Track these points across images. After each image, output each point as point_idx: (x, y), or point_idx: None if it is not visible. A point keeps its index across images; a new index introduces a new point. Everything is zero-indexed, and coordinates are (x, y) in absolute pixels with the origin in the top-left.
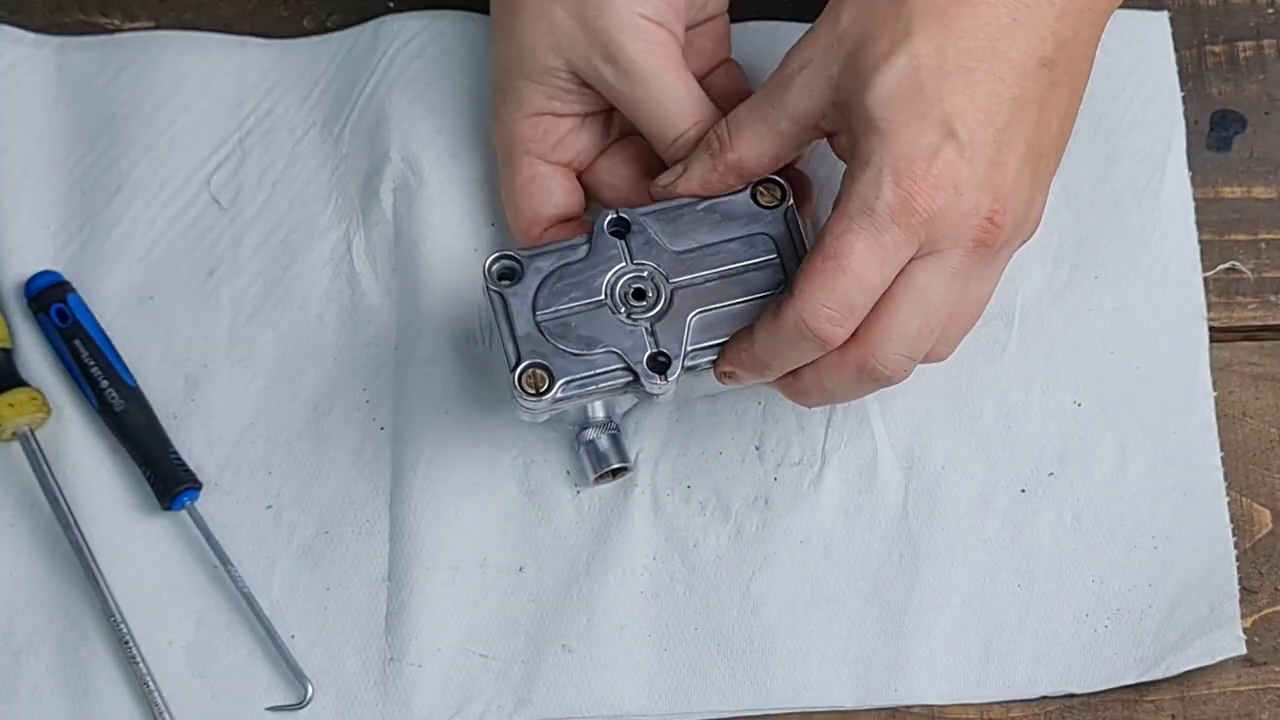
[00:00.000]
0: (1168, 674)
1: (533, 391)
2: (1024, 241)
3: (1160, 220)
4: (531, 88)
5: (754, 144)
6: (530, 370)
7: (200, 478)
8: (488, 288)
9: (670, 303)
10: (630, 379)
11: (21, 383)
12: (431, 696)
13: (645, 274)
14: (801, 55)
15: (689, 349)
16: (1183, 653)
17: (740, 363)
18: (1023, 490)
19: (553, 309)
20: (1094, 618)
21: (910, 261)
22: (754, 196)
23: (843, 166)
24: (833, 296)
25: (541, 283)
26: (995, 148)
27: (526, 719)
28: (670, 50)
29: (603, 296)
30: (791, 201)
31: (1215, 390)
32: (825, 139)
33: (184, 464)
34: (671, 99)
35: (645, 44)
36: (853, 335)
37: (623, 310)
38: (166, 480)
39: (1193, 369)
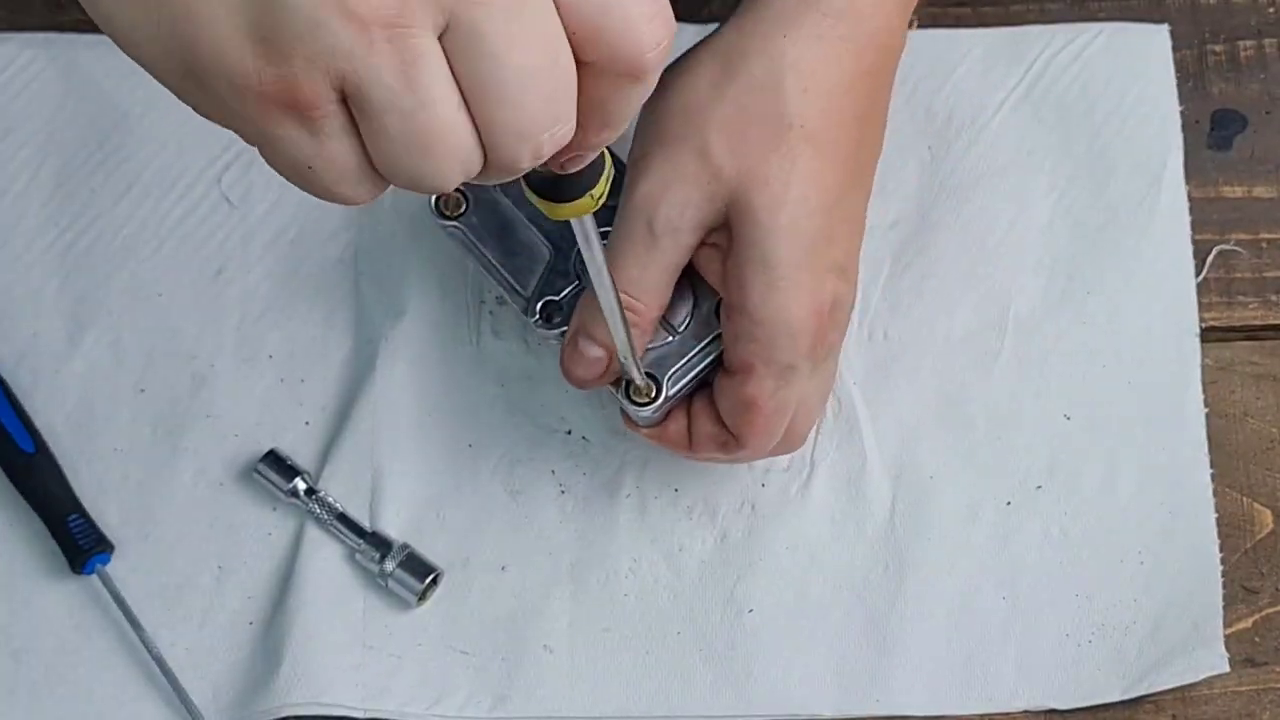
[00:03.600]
0: (1150, 690)
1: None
2: None
3: (1156, 234)
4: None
5: (663, 294)
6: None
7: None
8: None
9: None
10: None
11: None
12: (409, 688)
13: None
14: (673, 191)
15: None
16: (1165, 670)
17: (673, 450)
18: (1008, 502)
19: None
20: (1077, 633)
21: None
22: None
23: None
24: (778, 434)
25: None
26: (857, 256)
27: (505, 714)
28: None
29: None
30: None
31: (1217, 390)
32: None
33: (93, 526)
34: None
35: None
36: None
37: None
38: (72, 547)
39: (1184, 385)
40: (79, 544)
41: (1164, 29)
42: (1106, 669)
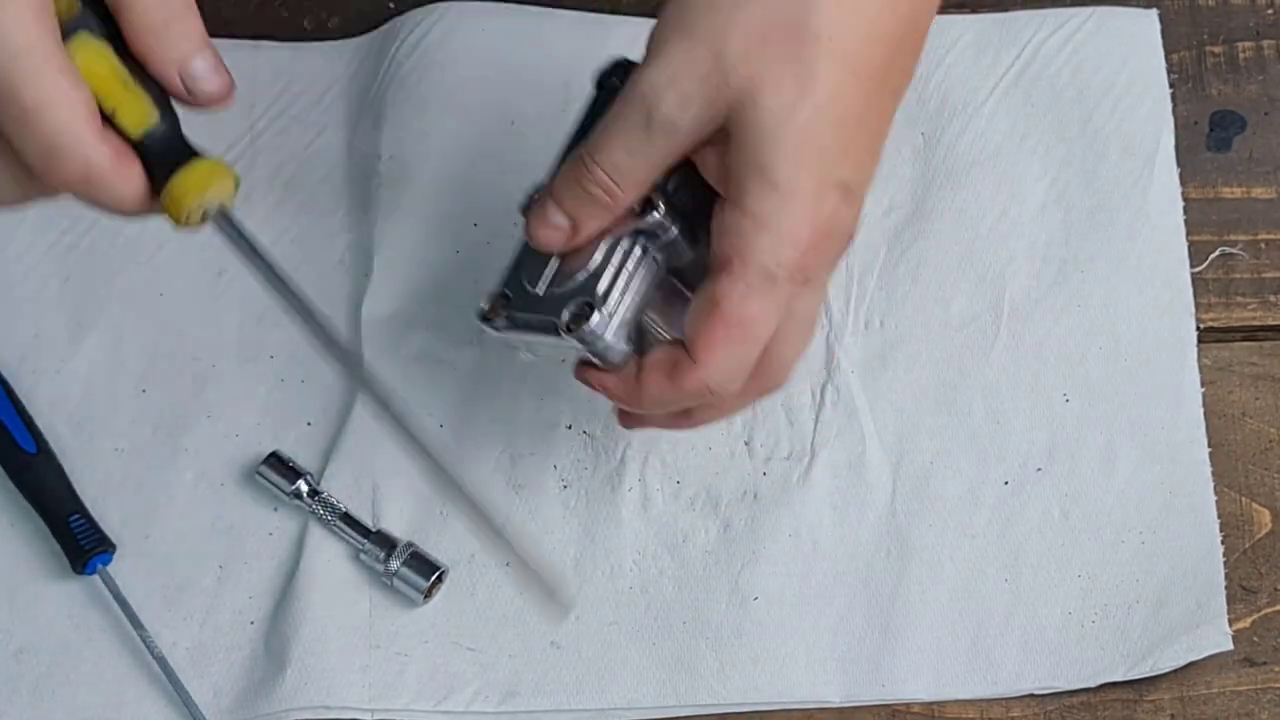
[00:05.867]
0: (1155, 671)
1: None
2: None
3: (1149, 216)
4: None
5: (643, 186)
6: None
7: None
8: None
9: None
10: None
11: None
12: (417, 685)
13: None
14: (680, 86)
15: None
16: (1169, 649)
17: (625, 403)
18: (1007, 483)
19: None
20: (1081, 613)
21: None
22: None
23: None
24: (739, 361)
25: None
26: (868, 184)
27: (513, 708)
28: None
29: None
30: None
31: (1215, 390)
32: None
33: (94, 526)
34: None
35: None
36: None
37: None
38: (74, 547)
39: (1180, 364)
40: (80, 544)
41: (1153, 13)
42: (1110, 648)
